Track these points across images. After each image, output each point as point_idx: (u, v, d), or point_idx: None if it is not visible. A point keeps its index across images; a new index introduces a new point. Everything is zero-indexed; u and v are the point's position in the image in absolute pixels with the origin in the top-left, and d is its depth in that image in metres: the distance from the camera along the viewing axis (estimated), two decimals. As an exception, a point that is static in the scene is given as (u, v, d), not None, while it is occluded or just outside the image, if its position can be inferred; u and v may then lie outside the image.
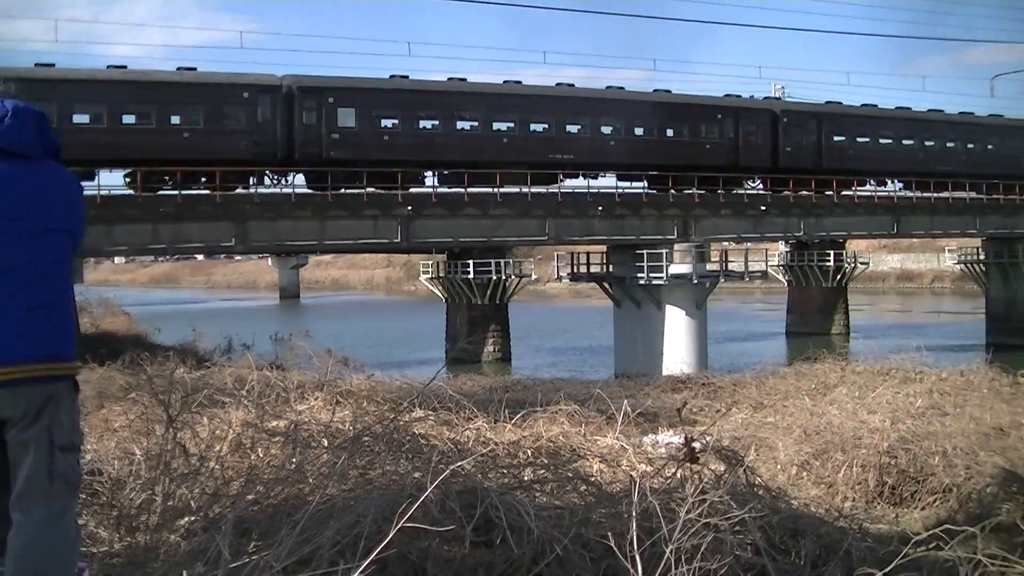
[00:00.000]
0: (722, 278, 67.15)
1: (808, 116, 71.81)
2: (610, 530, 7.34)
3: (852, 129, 74.50)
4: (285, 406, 12.11)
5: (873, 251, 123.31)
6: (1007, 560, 7.60)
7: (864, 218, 75.92)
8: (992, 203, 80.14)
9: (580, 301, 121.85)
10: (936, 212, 78.54)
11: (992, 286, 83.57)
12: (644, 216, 64.13)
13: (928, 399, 22.09)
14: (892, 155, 75.52)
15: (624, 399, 22.10)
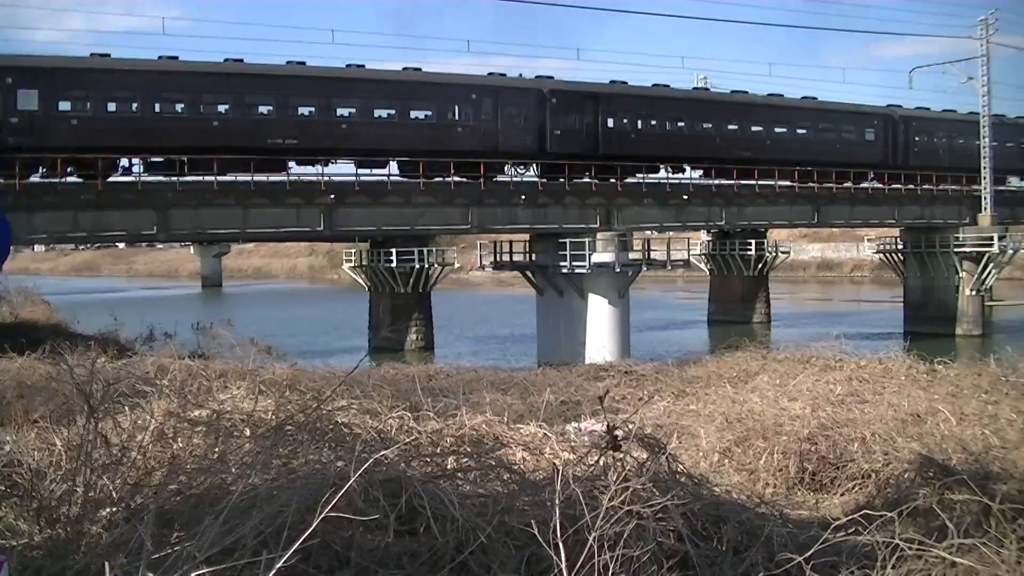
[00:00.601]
0: (644, 267, 67.29)
1: (583, 97, 66.61)
2: (533, 518, 7.37)
3: (636, 112, 69.63)
4: (207, 395, 12.03)
5: (794, 240, 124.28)
6: (923, 544, 7.71)
7: (785, 208, 76.53)
8: (911, 194, 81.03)
9: (503, 290, 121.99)
10: (856, 202, 79.41)
11: (910, 275, 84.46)
12: (567, 205, 64.22)
13: (847, 387, 22.36)
14: (684, 140, 71.52)
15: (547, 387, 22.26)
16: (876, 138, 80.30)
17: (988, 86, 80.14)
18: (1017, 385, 21.35)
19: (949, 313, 79.82)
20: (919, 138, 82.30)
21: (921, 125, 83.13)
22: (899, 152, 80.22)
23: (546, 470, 9.36)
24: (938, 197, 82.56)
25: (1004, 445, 16.65)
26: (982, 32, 79.38)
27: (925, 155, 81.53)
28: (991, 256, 79.18)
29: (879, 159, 79.69)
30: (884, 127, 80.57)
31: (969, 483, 9.85)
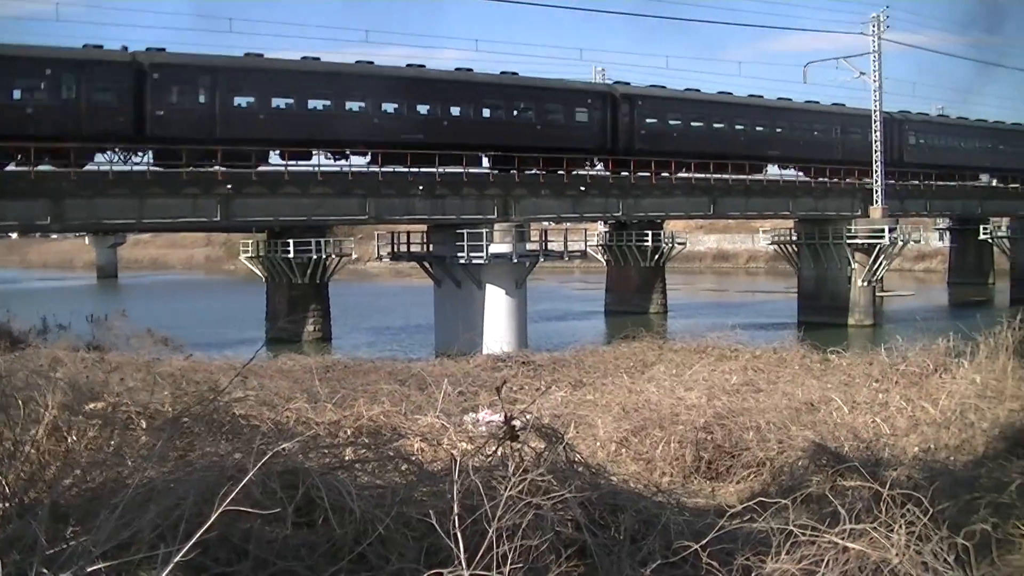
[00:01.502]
0: (542, 258, 67.52)
1: (198, 71, 57.95)
2: (432, 509, 7.39)
3: (257, 89, 60.14)
4: (103, 388, 11.91)
5: (690, 231, 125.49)
6: (816, 530, 7.85)
7: (681, 199, 77.10)
8: (804, 186, 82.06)
9: (401, 280, 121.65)
10: (751, 194, 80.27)
11: (804, 266, 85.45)
12: (465, 196, 64.19)
13: (743, 376, 22.65)
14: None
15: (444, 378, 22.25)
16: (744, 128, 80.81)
17: (880, 81, 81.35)
18: (907, 374, 21.70)
19: (841, 303, 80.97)
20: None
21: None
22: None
23: (444, 461, 9.38)
24: (831, 190, 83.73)
25: (894, 432, 16.96)
26: (874, 29, 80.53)
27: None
28: (882, 248, 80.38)
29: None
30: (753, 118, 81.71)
31: (860, 470, 10.02)
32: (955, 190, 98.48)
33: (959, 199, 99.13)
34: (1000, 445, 15.88)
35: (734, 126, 78.51)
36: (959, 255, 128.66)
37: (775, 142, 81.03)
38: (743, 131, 79.42)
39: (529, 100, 69.49)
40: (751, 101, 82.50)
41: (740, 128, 78.86)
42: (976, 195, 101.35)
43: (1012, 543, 8.67)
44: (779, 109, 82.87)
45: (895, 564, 7.55)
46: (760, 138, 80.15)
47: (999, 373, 19.42)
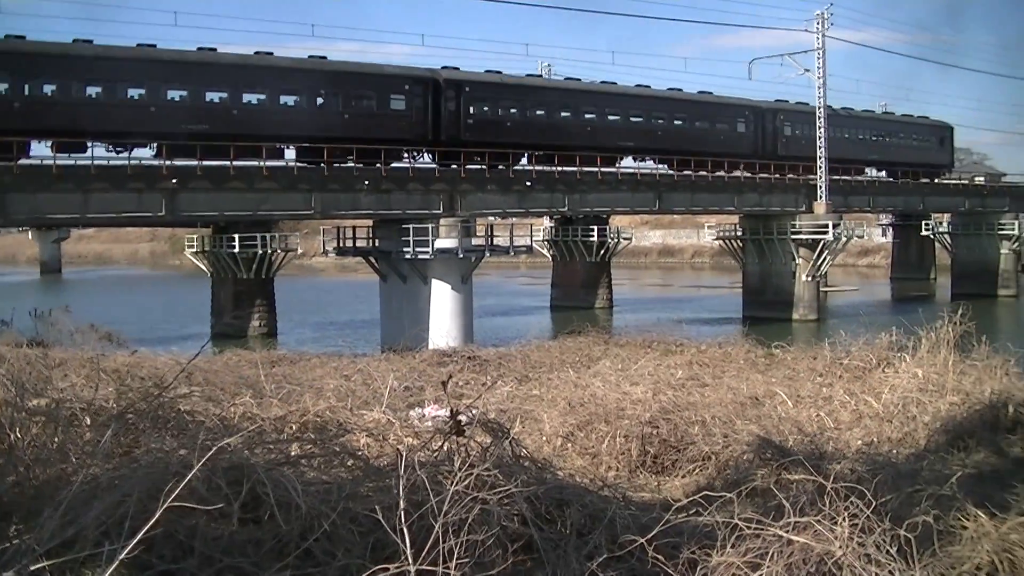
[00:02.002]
0: (487, 253, 67.36)
1: None
2: (378, 504, 7.40)
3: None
4: (46, 384, 11.82)
5: (636, 227, 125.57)
6: (761, 523, 7.91)
7: (627, 194, 77.09)
8: (749, 182, 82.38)
9: (347, 275, 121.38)
10: (696, 189, 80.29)
11: (748, 261, 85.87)
12: (411, 191, 63.93)
13: (688, 371, 22.79)
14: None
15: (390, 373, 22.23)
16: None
17: (824, 78, 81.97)
18: (850, 368, 21.90)
19: (786, 298, 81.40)
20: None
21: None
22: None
23: (390, 456, 9.39)
24: (776, 185, 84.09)
25: (838, 426, 17.13)
26: (818, 26, 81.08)
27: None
28: (826, 243, 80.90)
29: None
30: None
31: (805, 463, 10.09)
32: (898, 187, 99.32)
33: (902, 195, 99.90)
34: (941, 438, 16.08)
35: (582, 115, 74.86)
36: (901, 251, 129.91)
37: (630, 133, 76.88)
38: (593, 121, 75.19)
39: (335, 86, 63.90)
40: (603, 88, 78.16)
41: (589, 118, 75.17)
42: (918, 192, 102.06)
43: (953, 535, 8.76)
44: (634, 97, 78.31)
45: (839, 556, 7.62)
46: (612, 128, 75.85)
47: (940, 367, 19.63)
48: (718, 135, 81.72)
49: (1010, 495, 11.26)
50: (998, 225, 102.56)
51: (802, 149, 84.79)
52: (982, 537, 8.58)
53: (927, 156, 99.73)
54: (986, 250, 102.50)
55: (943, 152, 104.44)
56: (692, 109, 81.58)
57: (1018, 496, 10.93)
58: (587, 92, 76.79)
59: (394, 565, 6.68)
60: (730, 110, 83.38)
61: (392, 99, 65.89)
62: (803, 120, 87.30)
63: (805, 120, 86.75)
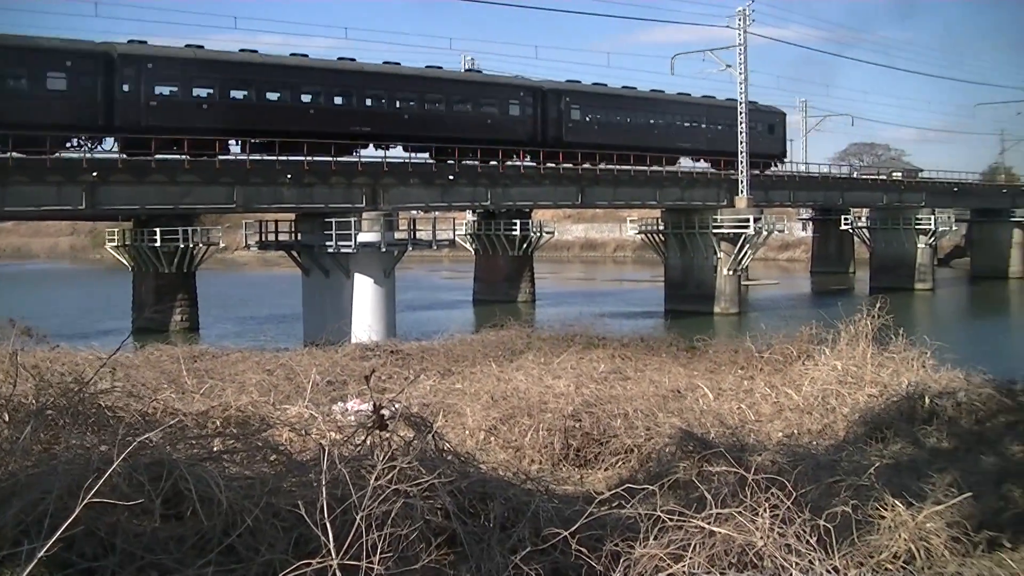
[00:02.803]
0: (410, 246, 67.27)
1: None
2: (301, 499, 7.38)
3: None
4: (-38, 380, 11.68)
5: (558, 221, 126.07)
6: (683, 515, 7.97)
7: (549, 188, 77.17)
8: (671, 176, 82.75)
9: (269, 269, 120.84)
10: (619, 184, 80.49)
11: (670, 255, 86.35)
12: (333, 184, 63.65)
13: (610, 364, 22.89)
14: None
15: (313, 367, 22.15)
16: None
17: (745, 74, 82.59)
18: (771, 361, 22.11)
19: (707, 292, 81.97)
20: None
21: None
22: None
23: (313, 450, 9.36)
24: (698, 180, 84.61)
25: (759, 418, 17.29)
26: (739, 22, 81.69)
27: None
28: (747, 237, 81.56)
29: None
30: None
31: (726, 455, 10.18)
32: (818, 182, 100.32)
33: (821, 190, 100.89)
34: (860, 429, 16.29)
35: (330, 99, 66.42)
36: (821, 245, 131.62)
37: (369, 117, 66.99)
38: (359, 104, 67.26)
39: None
40: (386, 70, 69.08)
41: (372, 103, 67.76)
42: (838, 186, 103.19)
43: (871, 524, 8.87)
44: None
45: (760, 547, 7.70)
46: (383, 115, 67.69)
47: (859, 360, 19.88)
48: (484, 120, 72.43)
49: (926, 484, 11.42)
50: (915, 220, 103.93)
51: (594, 136, 77.87)
52: (899, 526, 8.69)
53: (754, 145, 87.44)
54: (903, 244, 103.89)
55: (774, 140, 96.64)
56: (453, 90, 72.30)
57: (934, 485, 11.09)
58: (356, 73, 67.24)
59: (317, 560, 6.67)
60: (501, 91, 74.42)
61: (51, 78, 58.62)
62: (595, 103, 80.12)
63: (598, 103, 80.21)
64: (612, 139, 79.03)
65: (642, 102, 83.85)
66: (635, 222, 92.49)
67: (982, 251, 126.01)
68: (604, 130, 78.68)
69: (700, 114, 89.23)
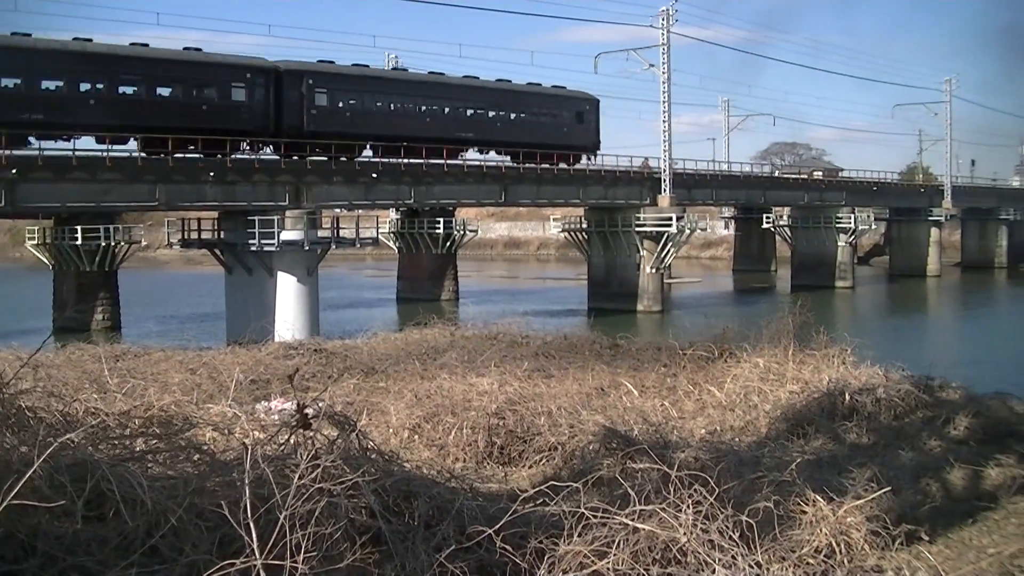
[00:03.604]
0: (333, 245, 67.14)
1: None
2: (224, 499, 7.35)
3: None
4: None
5: (482, 219, 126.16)
6: (607, 512, 8.02)
7: (473, 187, 77.27)
8: (595, 175, 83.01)
9: (192, 268, 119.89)
10: (542, 182, 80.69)
11: (593, 253, 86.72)
12: (256, 182, 63.31)
13: (534, 362, 22.94)
14: None
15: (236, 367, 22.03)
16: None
17: (668, 73, 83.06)
18: (694, 358, 22.25)
19: (630, 290, 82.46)
20: None
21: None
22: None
23: (237, 450, 9.30)
24: (621, 178, 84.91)
25: (682, 415, 17.42)
26: (663, 22, 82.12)
27: None
28: (670, 236, 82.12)
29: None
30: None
31: (649, 452, 10.24)
32: (740, 181, 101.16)
33: (744, 189, 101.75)
34: (782, 426, 16.45)
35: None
36: (743, 243, 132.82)
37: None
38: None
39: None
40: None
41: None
42: (760, 185, 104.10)
43: (793, 519, 8.97)
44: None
45: (683, 543, 7.78)
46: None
47: (780, 357, 20.08)
48: (198, 106, 63.13)
49: (847, 480, 11.58)
50: (836, 219, 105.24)
51: (347, 125, 68.19)
52: (820, 521, 8.80)
53: (558, 136, 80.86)
54: (824, 243, 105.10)
55: (584, 130, 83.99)
56: (155, 71, 62.16)
57: (854, 480, 11.23)
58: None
59: (241, 560, 6.64)
60: (220, 72, 64.41)
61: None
62: (348, 87, 70.43)
63: (353, 87, 70.78)
64: (372, 129, 69.90)
65: (415, 86, 73.90)
66: (558, 220, 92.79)
67: (901, 249, 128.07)
68: (361, 119, 69.14)
69: (491, 100, 79.17)
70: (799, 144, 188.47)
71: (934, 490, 12.78)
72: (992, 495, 12.26)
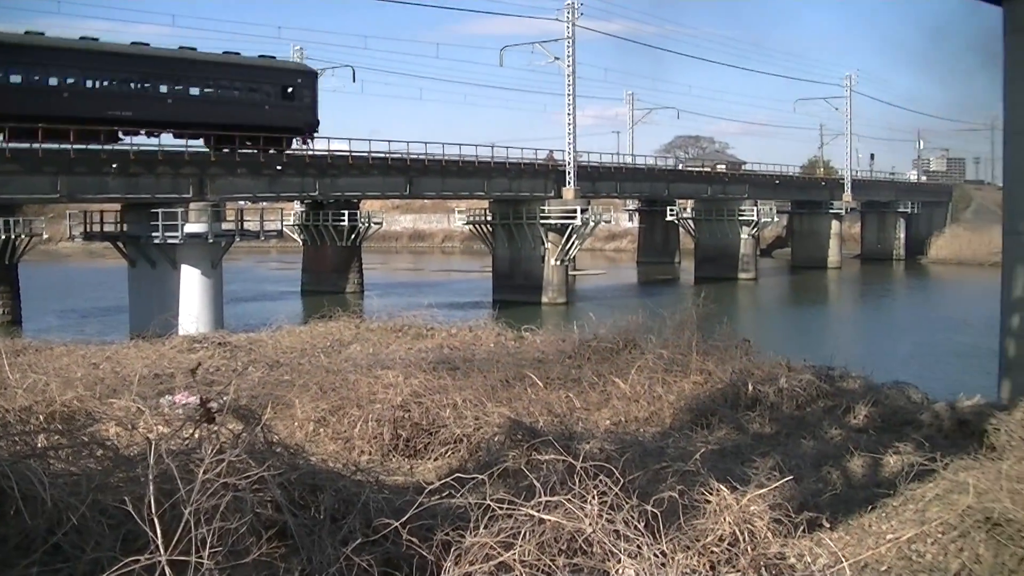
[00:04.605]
0: (238, 237, 66.77)
1: None
2: (128, 494, 7.29)
3: None
4: None
5: (387, 211, 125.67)
6: (513, 503, 8.05)
7: (378, 179, 77.11)
8: (500, 167, 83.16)
9: (95, 261, 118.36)
10: (447, 174, 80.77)
11: (498, 246, 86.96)
12: (160, 174, 62.60)
13: (439, 354, 22.95)
14: None
15: (140, 360, 21.84)
16: None
17: (573, 66, 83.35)
18: (598, 350, 22.36)
19: (535, 282, 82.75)
20: None
21: None
22: None
23: (140, 445, 9.24)
24: (526, 171, 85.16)
25: (587, 407, 17.52)
26: (567, 15, 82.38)
27: None
28: (574, 228, 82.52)
29: None
30: None
31: (555, 444, 10.31)
32: (644, 173, 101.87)
33: (648, 181, 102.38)
34: (686, 416, 16.62)
35: None
36: (647, 235, 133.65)
37: None
38: None
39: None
40: None
41: None
42: (664, 178, 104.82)
43: (697, 508, 9.05)
44: None
45: (589, 533, 7.82)
46: None
47: (684, 348, 20.25)
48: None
49: (750, 469, 11.73)
50: (739, 211, 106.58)
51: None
52: (724, 510, 8.88)
53: (257, 115, 68.28)
54: (727, 235, 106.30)
55: (293, 109, 70.76)
56: None
57: (757, 469, 11.37)
58: None
59: (145, 556, 6.60)
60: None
61: None
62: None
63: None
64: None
65: (50, 55, 58.05)
66: (463, 213, 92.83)
67: (802, 242, 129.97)
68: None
69: (162, 72, 64.33)
70: (703, 138, 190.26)
71: (835, 478, 12.98)
72: (890, 482, 12.45)
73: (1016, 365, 20.86)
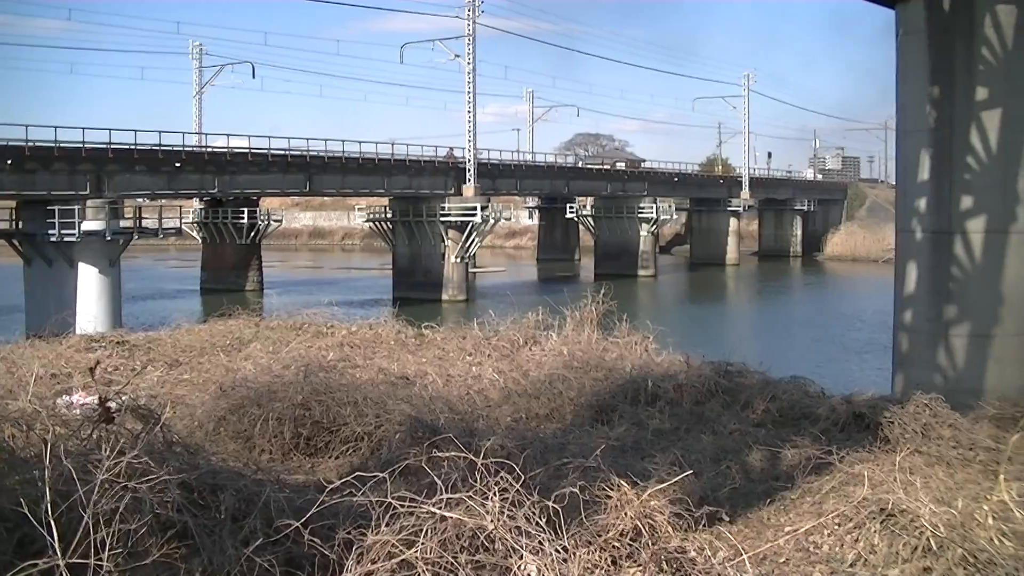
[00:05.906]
0: (136, 235, 66.09)
1: None
2: (24, 497, 7.21)
3: None
4: None
5: (286, 208, 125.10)
6: (415, 500, 8.06)
7: (278, 176, 76.73)
8: (400, 164, 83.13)
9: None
10: (347, 172, 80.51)
11: (398, 243, 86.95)
12: (56, 171, 61.76)
13: (339, 352, 22.94)
14: None
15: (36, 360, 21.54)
16: None
17: (473, 64, 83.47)
18: (499, 347, 22.47)
19: (436, 280, 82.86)
20: None
21: None
22: None
23: (37, 446, 9.12)
24: (426, 168, 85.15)
25: (488, 404, 17.59)
26: (469, 12, 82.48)
27: None
28: (474, 225, 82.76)
29: None
30: None
31: (455, 441, 10.31)
32: (544, 171, 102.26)
33: (547, 179, 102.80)
34: (586, 413, 16.74)
35: None
36: (547, 233, 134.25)
37: None
38: None
39: None
40: None
41: None
42: (563, 176, 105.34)
43: (599, 504, 9.12)
44: None
45: (491, 530, 7.86)
46: None
47: (584, 345, 20.41)
48: None
49: (650, 464, 11.85)
50: (638, 209, 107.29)
51: None
52: (625, 505, 8.95)
53: None
54: (627, 232, 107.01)
55: None
56: None
57: (657, 465, 11.49)
58: None
59: (43, 560, 6.54)
60: None
61: None
62: None
63: None
64: None
65: None
66: (363, 210, 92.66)
67: (701, 239, 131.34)
68: None
69: None
70: (602, 135, 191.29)
71: (734, 472, 13.14)
72: (788, 475, 12.65)
73: (909, 360, 21.19)
